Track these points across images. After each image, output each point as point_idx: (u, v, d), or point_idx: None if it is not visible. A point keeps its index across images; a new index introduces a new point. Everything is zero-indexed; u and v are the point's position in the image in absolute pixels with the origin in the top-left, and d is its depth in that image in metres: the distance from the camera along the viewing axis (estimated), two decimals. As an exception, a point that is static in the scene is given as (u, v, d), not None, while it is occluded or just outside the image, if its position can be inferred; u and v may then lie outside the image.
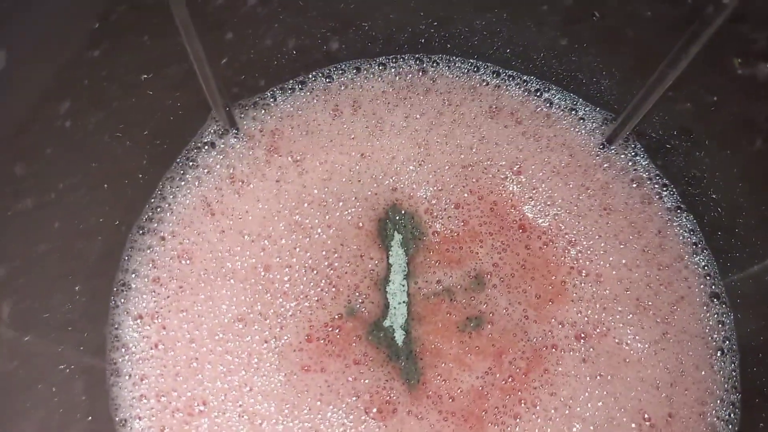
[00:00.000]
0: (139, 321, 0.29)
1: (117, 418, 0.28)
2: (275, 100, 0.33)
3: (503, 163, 0.33)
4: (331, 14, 0.31)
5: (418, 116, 0.34)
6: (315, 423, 0.28)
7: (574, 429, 0.28)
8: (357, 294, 0.30)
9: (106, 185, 0.26)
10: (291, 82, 0.34)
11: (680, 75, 0.28)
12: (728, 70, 0.27)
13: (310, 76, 0.34)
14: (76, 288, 0.26)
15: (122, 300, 0.29)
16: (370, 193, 0.32)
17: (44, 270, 0.23)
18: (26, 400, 0.22)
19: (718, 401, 0.29)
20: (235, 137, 0.32)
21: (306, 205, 0.32)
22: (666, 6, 0.27)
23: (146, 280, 0.30)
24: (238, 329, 0.29)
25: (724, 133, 0.28)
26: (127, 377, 0.28)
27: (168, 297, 0.30)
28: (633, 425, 0.29)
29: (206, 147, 0.32)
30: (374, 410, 0.28)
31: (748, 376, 0.29)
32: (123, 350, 0.29)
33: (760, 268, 0.28)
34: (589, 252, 0.31)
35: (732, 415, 0.29)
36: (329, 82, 0.34)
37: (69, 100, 0.22)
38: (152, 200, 0.31)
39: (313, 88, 0.34)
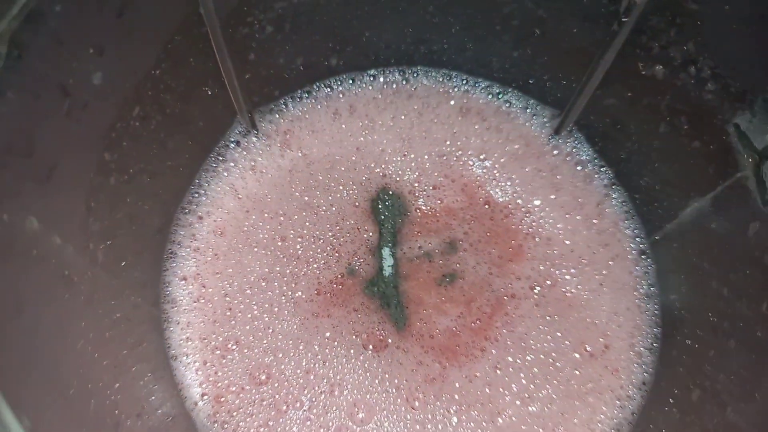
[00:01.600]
0: (184, 281, 0.35)
1: (170, 354, 0.34)
2: (287, 106, 0.38)
3: (471, 152, 0.38)
4: (331, 37, 0.36)
5: (402, 117, 0.39)
6: (323, 355, 0.34)
7: (528, 358, 0.34)
8: (355, 258, 0.36)
9: (160, 174, 0.33)
10: (299, 91, 0.38)
11: (603, 77, 0.33)
12: (636, 72, 0.32)
13: (315, 86, 0.39)
14: (141, 253, 0.33)
15: (171, 264, 0.35)
16: (364, 178, 0.38)
17: (120, 234, 0.30)
18: (105, 330, 0.28)
19: (644, 334, 0.35)
20: (255, 137, 0.38)
21: (313, 188, 0.37)
22: (588, 24, 0.32)
23: (189, 249, 0.35)
24: (261, 286, 0.35)
25: (639, 122, 0.34)
26: (176, 323, 0.34)
27: (206, 262, 0.35)
28: (576, 355, 0.34)
29: (233, 145, 0.37)
30: (370, 346, 0.34)
31: (667, 314, 0.34)
32: (172, 303, 0.35)
33: (672, 228, 0.34)
34: (541, 221, 0.37)
35: (654, 344, 0.34)
36: (330, 90, 0.39)
37: (139, 107, 0.29)
38: (192, 187, 0.36)
39: (317, 96, 0.39)
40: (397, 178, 0.38)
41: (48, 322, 0.21)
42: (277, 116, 0.38)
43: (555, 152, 0.38)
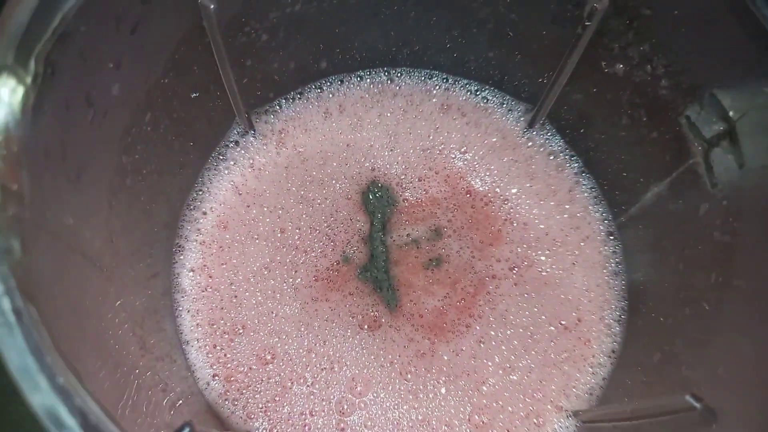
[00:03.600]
0: (192, 272, 0.37)
1: (181, 340, 0.36)
2: (281, 107, 0.41)
3: (453, 145, 0.41)
4: (321, 42, 0.39)
5: (388, 114, 0.41)
6: (323, 335, 0.36)
7: (509, 332, 0.37)
8: (349, 246, 0.39)
9: (168, 173, 0.36)
10: (292, 93, 0.41)
11: (571, 75, 0.36)
12: (600, 70, 0.35)
13: (306, 88, 0.41)
14: (151, 249, 0.36)
15: (180, 257, 0.37)
16: (355, 172, 0.40)
17: (135, 230, 0.33)
18: (131, 313, 0.31)
19: (612, 308, 0.38)
20: (253, 136, 0.40)
21: (308, 183, 0.39)
22: (556, 27, 0.35)
23: (195, 243, 0.38)
24: (264, 274, 0.37)
25: (604, 115, 0.37)
26: (186, 311, 0.36)
27: (212, 254, 0.38)
28: (552, 328, 0.37)
29: (232, 144, 0.40)
30: (366, 326, 0.37)
31: (632, 289, 0.37)
32: (182, 293, 0.37)
33: (635, 211, 0.38)
34: (518, 207, 0.39)
35: (622, 316, 0.37)
36: (320, 91, 0.41)
37: (150, 112, 0.31)
38: (196, 185, 0.39)
39: (309, 97, 0.41)
40: (385, 172, 0.40)
41: (88, 304, 0.24)
42: (272, 117, 0.41)
43: (529, 144, 0.41)
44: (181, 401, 0.30)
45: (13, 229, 0.19)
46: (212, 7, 0.30)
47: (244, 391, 0.35)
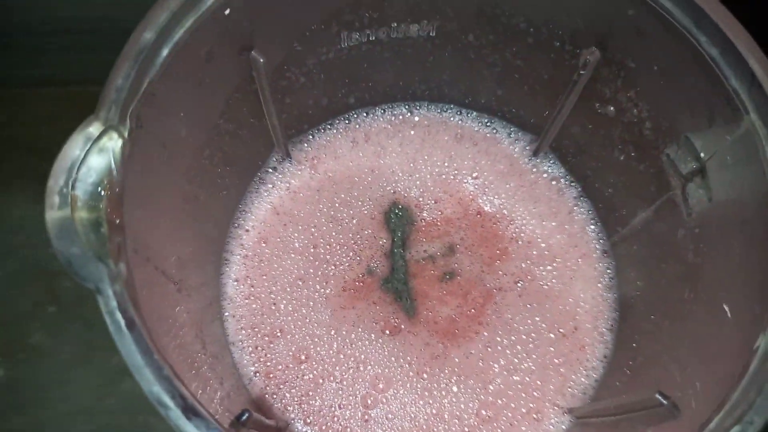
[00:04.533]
0: (236, 282, 0.42)
1: (228, 341, 0.41)
2: (314, 137, 0.45)
3: (465, 171, 0.45)
4: (349, 80, 0.43)
5: (408, 143, 0.45)
6: (351, 338, 0.41)
7: (513, 338, 0.41)
8: (373, 261, 0.43)
9: (216, 197, 0.41)
10: (324, 124, 0.45)
11: (570, 112, 0.40)
12: (594, 110, 0.39)
13: (336, 120, 0.45)
14: (204, 263, 0.41)
15: (226, 269, 0.42)
16: (378, 195, 0.44)
17: (191, 249, 0.38)
18: (184, 320, 0.37)
19: (605, 318, 0.41)
20: (289, 163, 0.44)
21: (337, 204, 0.43)
22: (556, 72, 0.39)
23: (239, 256, 0.42)
24: (299, 284, 0.42)
25: (599, 147, 0.40)
26: (232, 317, 0.41)
27: (253, 267, 0.42)
28: (551, 335, 0.41)
29: (271, 170, 0.44)
30: (387, 331, 0.41)
31: (623, 301, 0.41)
32: (228, 300, 0.41)
33: (626, 232, 0.42)
34: (523, 227, 0.43)
35: (613, 325, 0.41)
36: (348, 123, 0.46)
37: (207, 148, 0.37)
38: (240, 206, 0.43)
39: (338, 128, 0.45)
40: (405, 194, 0.45)
41: (168, 311, 0.30)
42: (306, 145, 0.45)
43: (534, 170, 0.45)
44: (232, 393, 0.36)
45: (120, 256, 0.25)
46: (262, 60, 0.36)
47: (281, 386, 0.41)
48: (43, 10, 0.50)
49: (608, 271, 0.43)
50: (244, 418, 0.28)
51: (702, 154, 0.33)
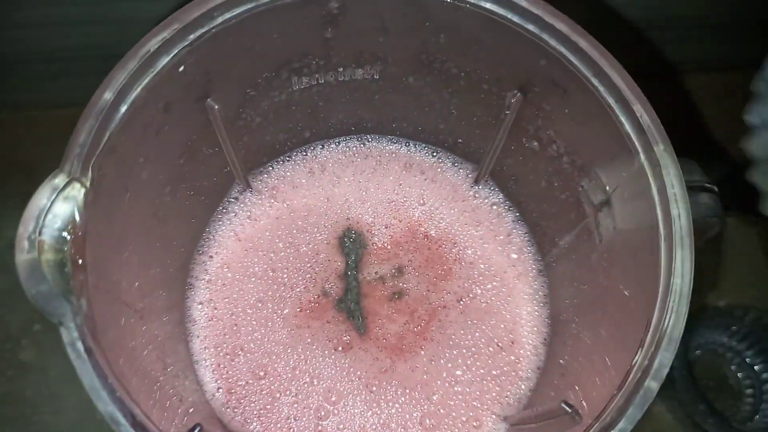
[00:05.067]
0: (200, 305, 0.45)
1: (192, 360, 0.45)
2: (273, 168, 0.48)
3: (413, 198, 0.48)
4: (304, 116, 0.46)
5: (360, 173, 0.48)
6: (306, 355, 0.44)
7: (455, 352, 0.44)
8: (328, 283, 0.46)
9: (182, 226, 0.45)
10: (282, 157, 0.48)
11: (503, 145, 0.44)
12: (522, 144, 0.43)
13: (294, 152, 0.48)
14: (169, 288, 0.44)
15: (191, 293, 0.45)
16: (333, 221, 0.47)
17: (155, 276, 0.42)
18: (146, 343, 0.40)
19: (539, 332, 0.45)
20: (250, 193, 0.47)
21: (295, 231, 0.46)
22: (487, 110, 0.43)
23: (203, 281, 0.46)
24: (258, 306, 0.45)
25: (530, 177, 0.44)
26: (196, 337, 0.44)
27: (216, 291, 0.45)
28: (490, 348, 0.44)
29: (233, 200, 0.48)
30: (340, 348, 0.45)
31: (555, 317, 0.45)
32: (193, 322, 0.45)
33: (556, 253, 0.46)
34: (465, 249, 0.47)
35: (546, 339, 0.45)
36: (305, 155, 0.49)
37: (169, 185, 0.40)
38: (204, 234, 0.46)
39: (296, 160, 0.49)
40: (358, 220, 0.48)
41: (127, 337, 0.34)
42: (266, 176, 0.48)
43: (475, 197, 0.49)
44: (192, 409, 0.39)
45: (82, 292, 0.28)
46: (216, 107, 0.40)
47: (242, 401, 0.44)
48: (37, 40, 0.54)
49: (542, 288, 0.47)
50: (196, 431, 0.32)
51: (607, 188, 0.37)
